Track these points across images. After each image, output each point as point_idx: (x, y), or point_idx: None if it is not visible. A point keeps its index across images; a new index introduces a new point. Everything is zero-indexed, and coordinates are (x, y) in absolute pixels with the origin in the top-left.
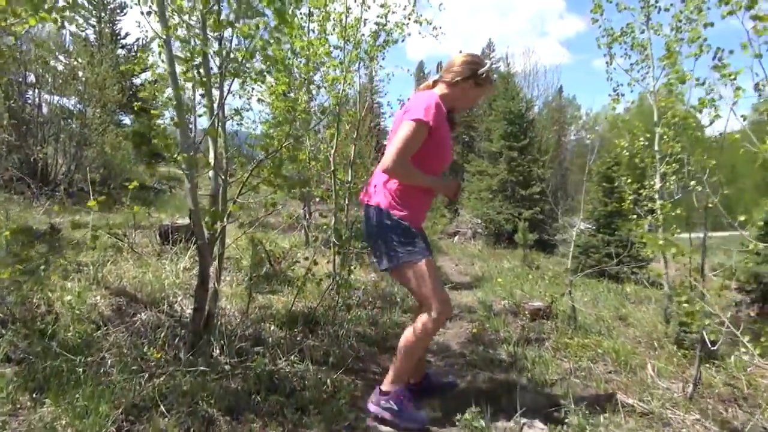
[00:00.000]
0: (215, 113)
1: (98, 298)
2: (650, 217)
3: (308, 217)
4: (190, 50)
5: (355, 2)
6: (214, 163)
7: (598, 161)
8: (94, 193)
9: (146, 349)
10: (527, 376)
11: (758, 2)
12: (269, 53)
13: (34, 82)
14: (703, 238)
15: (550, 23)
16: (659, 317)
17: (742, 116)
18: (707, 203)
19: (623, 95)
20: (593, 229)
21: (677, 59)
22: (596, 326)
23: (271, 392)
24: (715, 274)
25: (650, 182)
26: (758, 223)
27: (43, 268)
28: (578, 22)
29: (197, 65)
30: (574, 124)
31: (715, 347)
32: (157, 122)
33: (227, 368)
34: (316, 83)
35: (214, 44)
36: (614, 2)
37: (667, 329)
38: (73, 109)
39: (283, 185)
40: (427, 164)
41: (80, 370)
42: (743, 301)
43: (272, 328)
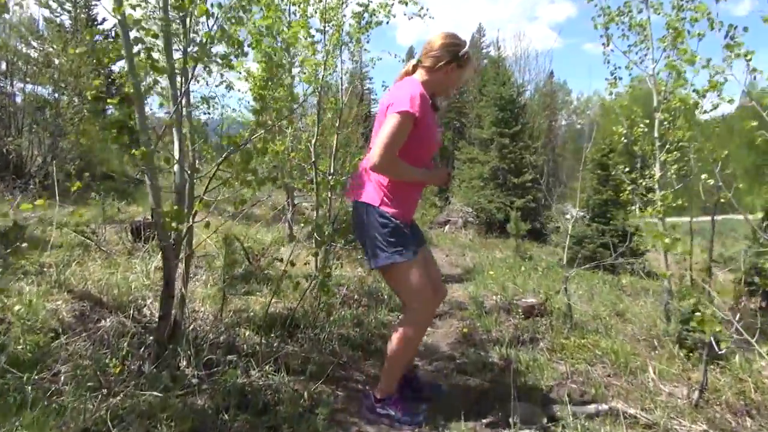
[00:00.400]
0: (178, 101)
1: (59, 302)
2: (650, 208)
3: (291, 209)
4: (147, 31)
5: None
6: (179, 156)
7: (592, 148)
8: (67, 186)
9: (108, 360)
10: (521, 381)
11: None
12: (234, 34)
13: (5, 69)
14: (711, 235)
15: (540, 8)
16: (658, 312)
17: (729, 100)
18: (719, 198)
19: (620, 78)
20: (587, 218)
21: (684, 37)
22: (593, 324)
23: (241, 409)
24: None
25: (650, 171)
26: (757, 213)
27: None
28: (568, 6)
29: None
30: (565, 109)
31: (722, 351)
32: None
33: (194, 382)
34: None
35: (177, 25)
36: None
37: (668, 327)
38: (48, 98)
39: (251, 181)
40: (415, 155)
41: (29, 388)
42: (744, 292)
43: (247, 333)
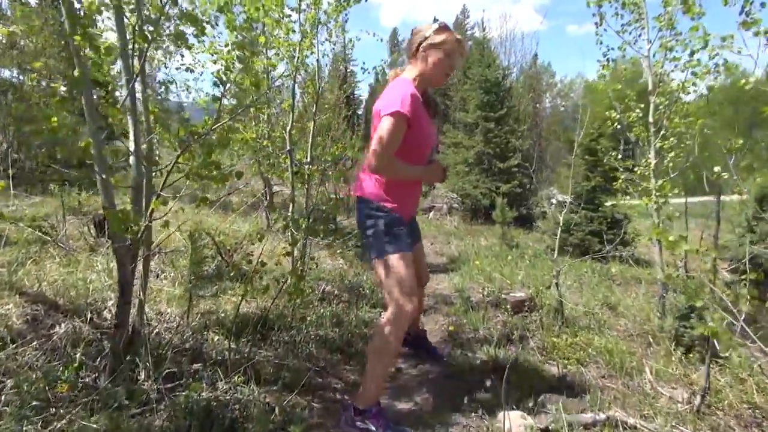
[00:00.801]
0: (131, 85)
1: (10, 306)
2: (645, 198)
3: (269, 198)
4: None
5: None
6: (134, 148)
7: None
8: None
9: (60, 372)
10: (512, 385)
11: None
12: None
13: None
14: (716, 230)
15: None
16: (651, 305)
17: (743, 84)
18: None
19: (614, 60)
20: (575, 204)
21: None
22: (584, 319)
23: (205, 429)
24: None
25: (646, 159)
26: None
27: None
28: None
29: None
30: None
31: (726, 354)
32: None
33: (154, 397)
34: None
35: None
36: None
37: (663, 323)
38: (12, 80)
39: (210, 177)
40: (412, 154)
41: None
42: (734, 281)
43: (216, 338)
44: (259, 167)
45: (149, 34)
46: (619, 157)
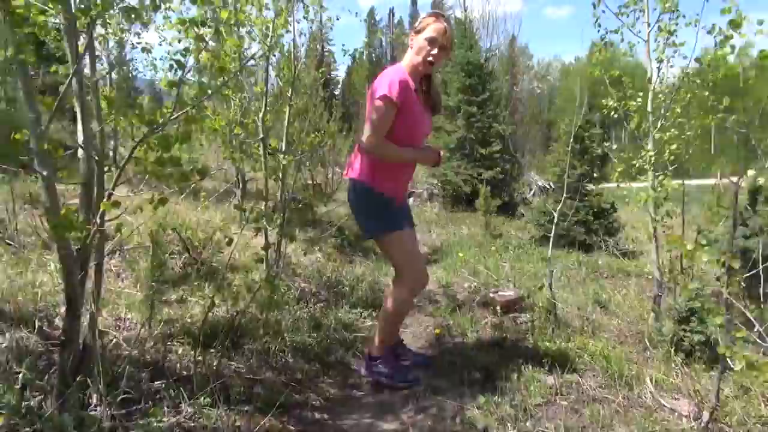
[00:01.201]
0: (75, 67)
1: None
2: (643, 193)
3: (242, 186)
4: None
5: None
6: (83, 138)
7: (566, 119)
8: None
9: (1, 394)
10: (504, 400)
11: None
12: None
13: None
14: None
15: None
16: (642, 303)
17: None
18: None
19: (612, 44)
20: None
21: None
22: (577, 320)
23: None
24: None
25: (644, 151)
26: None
27: None
28: None
29: None
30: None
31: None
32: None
33: (107, 426)
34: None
35: None
36: None
37: (661, 326)
38: None
39: (165, 176)
40: (405, 137)
41: None
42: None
43: (181, 350)
44: (231, 154)
45: (94, 7)
46: (613, 147)
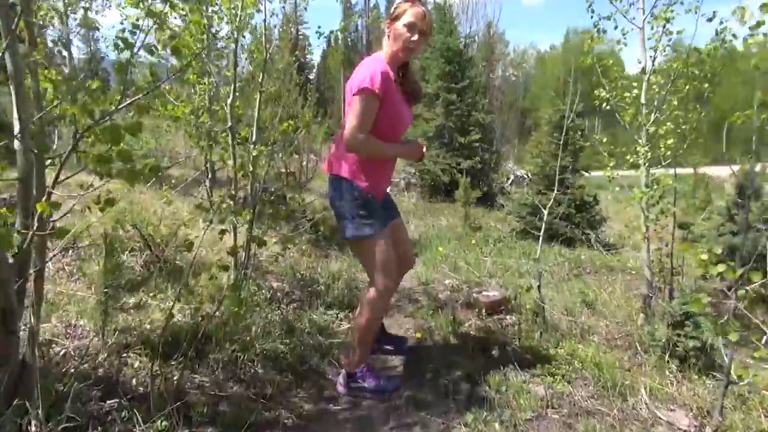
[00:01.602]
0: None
1: None
2: (636, 190)
3: (211, 176)
4: None
5: None
6: (20, 129)
7: (550, 109)
8: None
9: None
10: (491, 415)
11: None
12: None
13: None
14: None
15: None
16: (629, 301)
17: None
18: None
19: (605, 32)
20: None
21: None
22: (564, 322)
23: None
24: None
25: (638, 145)
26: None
27: None
28: None
29: None
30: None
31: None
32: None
33: None
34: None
35: None
36: None
37: (654, 330)
38: None
39: (111, 174)
40: (387, 129)
41: None
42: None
43: (138, 362)
44: (197, 143)
45: None
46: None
